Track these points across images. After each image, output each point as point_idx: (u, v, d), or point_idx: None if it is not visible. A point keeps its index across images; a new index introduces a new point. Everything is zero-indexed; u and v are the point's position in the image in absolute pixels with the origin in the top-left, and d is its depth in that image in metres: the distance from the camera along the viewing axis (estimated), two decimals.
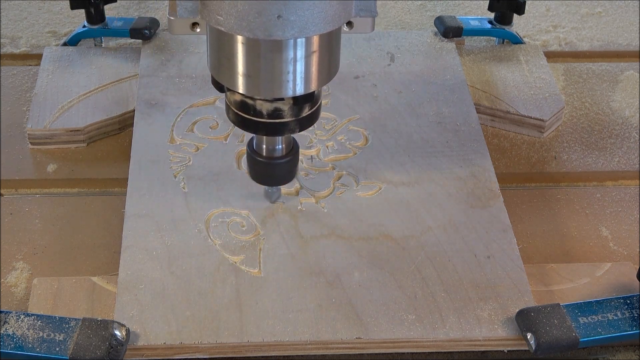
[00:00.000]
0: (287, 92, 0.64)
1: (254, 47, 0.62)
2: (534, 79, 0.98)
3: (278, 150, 0.73)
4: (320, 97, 0.69)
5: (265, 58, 0.62)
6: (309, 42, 0.62)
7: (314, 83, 0.65)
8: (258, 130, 0.69)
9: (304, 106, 0.67)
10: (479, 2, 1.16)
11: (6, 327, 0.66)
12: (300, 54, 0.62)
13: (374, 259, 0.74)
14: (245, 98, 0.66)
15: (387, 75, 0.96)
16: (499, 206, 0.80)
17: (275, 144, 0.73)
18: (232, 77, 0.64)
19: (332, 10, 0.60)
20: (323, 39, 0.63)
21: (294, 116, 0.68)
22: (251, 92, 0.65)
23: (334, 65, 0.67)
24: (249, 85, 0.64)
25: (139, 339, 0.67)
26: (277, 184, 0.77)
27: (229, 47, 0.63)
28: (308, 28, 0.59)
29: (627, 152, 0.92)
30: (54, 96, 0.93)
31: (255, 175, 0.75)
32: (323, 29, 0.60)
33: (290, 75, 0.63)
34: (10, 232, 0.81)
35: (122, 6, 1.13)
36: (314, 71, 0.64)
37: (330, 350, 0.69)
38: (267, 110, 0.67)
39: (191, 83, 0.93)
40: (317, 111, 0.70)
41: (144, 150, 0.84)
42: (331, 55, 0.65)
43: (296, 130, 0.69)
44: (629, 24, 1.14)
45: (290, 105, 0.67)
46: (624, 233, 0.83)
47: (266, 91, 0.65)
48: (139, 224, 0.77)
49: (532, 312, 0.68)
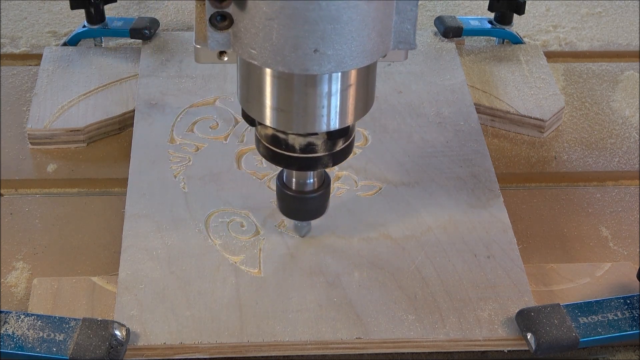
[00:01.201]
0: (321, 127, 0.61)
1: (287, 81, 0.59)
2: (534, 79, 0.98)
3: (309, 185, 0.70)
4: (354, 130, 0.67)
5: (299, 92, 0.59)
6: (345, 76, 0.60)
7: (350, 117, 0.62)
8: (290, 164, 0.66)
9: (337, 140, 0.65)
10: (479, 2, 1.16)
11: (6, 327, 0.66)
12: (335, 88, 0.60)
13: (374, 259, 0.74)
14: (277, 132, 0.64)
15: (387, 75, 0.95)
16: (499, 206, 0.80)
17: (306, 178, 0.70)
18: (263, 111, 0.61)
19: (370, 44, 0.56)
20: (360, 72, 0.60)
21: (327, 150, 0.65)
22: (283, 126, 0.62)
23: (370, 98, 0.64)
24: (282, 119, 0.61)
25: (139, 339, 0.67)
26: (307, 218, 0.74)
27: (261, 81, 0.60)
28: (345, 62, 0.56)
29: (627, 152, 0.92)
30: (54, 96, 0.93)
31: (285, 209, 0.73)
32: (360, 63, 0.57)
33: (324, 110, 0.60)
34: (10, 232, 0.81)
35: (122, 6, 1.13)
36: (350, 105, 0.61)
37: (330, 350, 0.69)
38: (299, 145, 0.64)
39: (191, 83, 0.93)
40: (351, 144, 0.67)
41: (144, 150, 0.84)
42: (367, 88, 0.62)
43: (329, 165, 0.66)
44: (629, 24, 1.14)
45: (324, 140, 0.64)
46: (624, 233, 0.83)
47: (299, 126, 0.62)
48: (139, 224, 0.77)
49: (532, 312, 0.68)
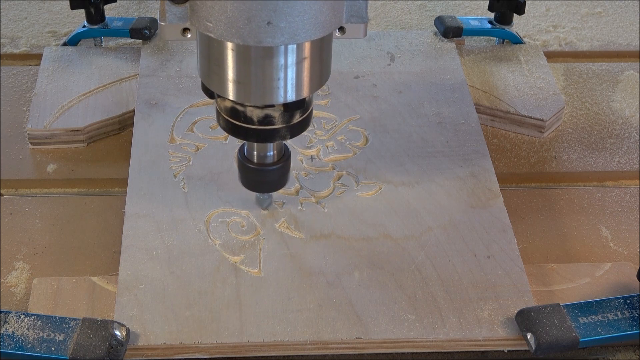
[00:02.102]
0: (277, 98, 0.64)
1: (244, 54, 0.61)
2: (534, 79, 0.98)
3: (269, 157, 0.72)
4: (311, 103, 0.69)
5: (255, 64, 0.62)
6: (299, 49, 0.62)
7: (305, 89, 0.64)
8: (248, 136, 0.68)
9: (294, 113, 0.67)
10: (479, 2, 1.16)
11: (6, 327, 0.66)
12: (290, 61, 0.62)
13: (374, 259, 0.74)
14: (236, 104, 0.66)
15: (387, 75, 0.96)
16: (499, 206, 0.80)
17: (266, 150, 0.72)
18: (222, 83, 0.64)
19: (322, 16, 0.59)
20: (314, 45, 0.62)
21: (284, 123, 0.67)
22: (241, 98, 0.64)
23: (326, 72, 0.66)
24: (239, 91, 0.64)
25: (139, 339, 0.67)
26: (268, 190, 0.76)
27: (219, 54, 0.62)
28: (298, 35, 0.59)
29: (627, 152, 0.92)
30: (54, 96, 0.93)
31: (246, 182, 0.75)
32: (313, 36, 0.59)
33: (280, 82, 0.63)
34: (10, 232, 0.81)
35: (122, 6, 1.13)
36: (305, 78, 0.64)
37: (330, 350, 0.69)
38: (257, 117, 0.66)
39: (191, 83, 0.93)
40: (309, 117, 0.69)
41: (144, 150, 0.84)
42: (322, 62, 0.65)
43: (287, 137, 0.68)
44: (629, 24, 1.14)
45: (280, 112, 0.66)
46: (624, 233, 0.83)
47: (256, 98, 0.64)
48: (139, 224, 0.77)
49: (532, 312, 0.68)
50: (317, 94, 0.92)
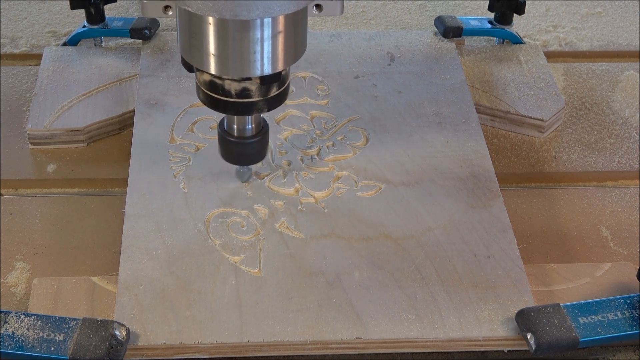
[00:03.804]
0: (254, 71, 0.66)
1: (221, 28, 0.63)
2: (534, 79, 0.98)
3: (248, 130, 0.74)
4: (288, 77, 0.71)
5: (232, 38, 0.64)
6: (274, 22, 0.64)
7: (281, 63, 0.67)
8: (227, 109, 0.70)
9: (271, 86, 0.69)
10: (479, 2, 1.16)
11: (6, 327, 0.66)
12: (266, 34, 0.64)
13: (374, 259, 0.74)
14: (214, 78, 0.68)
15: (387, 75, 0.96)
16: (499, 206, 0.80)
17: (245, 123, 0.74)
18: (201, 57, 0.66)
19: None
20: (289, 19, 0.64)
21: (261, 96, 0.69)
22: (220, 72, 0.66)
23: (301, 46, 0.68)
24: (218, 65, 0.66)
25: (139, 339, 0.67)
26: (247, 163, 0.79)
27: (198, 28, 0.64)
28: (273, 8, 0.61)
29: (627, 152, 0.92)
30: (54, 96, 0.93)
31: (226, 154, 0.77)
32: (288, 9, 0.62)
33: (257, 55, 0.65)
34: (10, 232, 0.81)
35: (122, 6, 1.13)
36: (280, 51, 0.66)
37: (330, 350, 0.69)
38: (235, 90, 0.68)
39: (191, 83, 0.93)
40: (285, 91, 0.71)
41: (144, 150, 0.84)
42: (297, 36, 0.67)
43: (264, 110, 0.70)
44: (629, 24, 1.14)
45: (257, 85, 0.68)
46: (624, 233, 0.83)
47: (234, 71, 0.66)
48: (139, 224, 0.77)
49: (532, 312, 0.68)
50: (317, 94, 0.92)
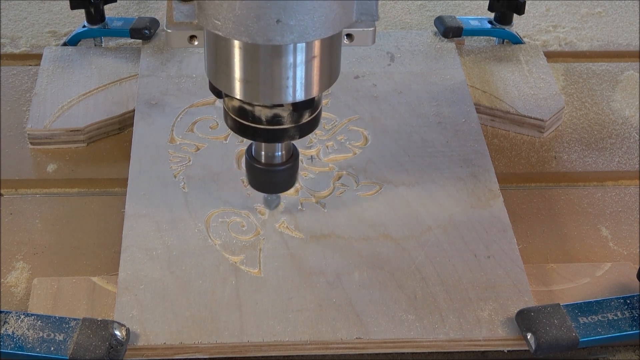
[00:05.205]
0: (286, 98, 0.62)
1: (252, 52, 0.60)
2: (534, 79, 0.98)
3: (277, 157, 0.71)
4: (320, 102, 0.68)
5: (264, 63, 0.61)
6: (309, 47, 0.61)
7: (314, 89, 0.63)
8: (256, 136, 0.66)
9: (303, 112, 0.65)
10: (479, 2, 1.16)
11: (6, 327, 0.66)
12: (300, 59, 0.61)
13: (374, 259, 0.74)
14: (244, 104, 0.65)
15: (387, 75, 0.96)
16: (499, 206, 0.80)
17: (274, 150, 0.71)
18: (230, 82, 0.62)
19: (332, 14, 0.58)
20: (324, 43, 0.61)
21: (293, 122, 0.66)
22: (250, 98, 0.63)
23: (335, 71, 0.65)
24: (248, 91, 0.62)
25: (139, 339, 0.67)
26: (276, 191, 0.75)
27: (227, 52, 0.61)
28: (308, 33, 0.57)
29: (627, 152, 0.92)
30: (54, 96, 0.93)
31: (253, 182, 0.73)
32: (323, 34, 0.58)
33: (289, 81, 0.61)
34: (10, 232, 0.81)
35: (122, 6, 1.13)
36: (314, 77, 0.62)
37: (330, 350, 0.69)
38: (266, 117, 0.65)
39: (191, 83, 0.93)
40: (318, 117, 0.68)
41: (144, 150, 0.84)
42: (332, 61, 0.64)
43: (296, 137, 0.67)
44: (629, 24, 1.14)
45: (289, 112, 0.65)
46: (624, 233, 0.83)
47: (265, 97, 0.63)
48: (139, 224, 0.77)
49: (532, 312, 0.68)
50: None
